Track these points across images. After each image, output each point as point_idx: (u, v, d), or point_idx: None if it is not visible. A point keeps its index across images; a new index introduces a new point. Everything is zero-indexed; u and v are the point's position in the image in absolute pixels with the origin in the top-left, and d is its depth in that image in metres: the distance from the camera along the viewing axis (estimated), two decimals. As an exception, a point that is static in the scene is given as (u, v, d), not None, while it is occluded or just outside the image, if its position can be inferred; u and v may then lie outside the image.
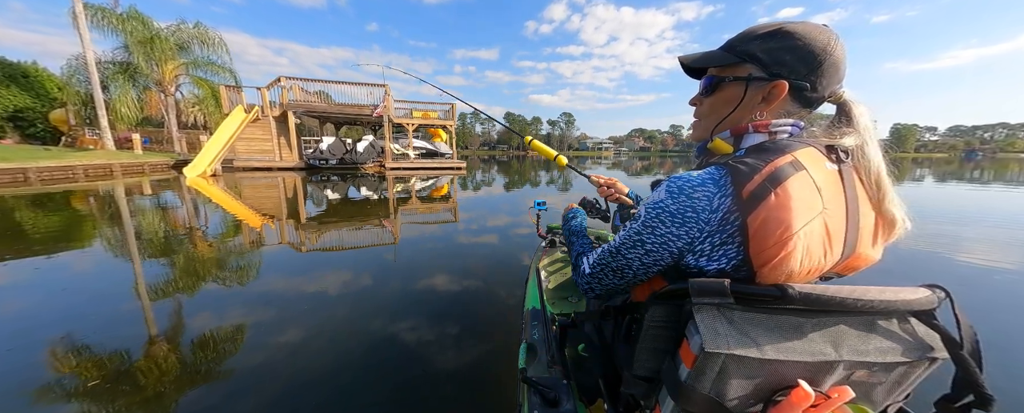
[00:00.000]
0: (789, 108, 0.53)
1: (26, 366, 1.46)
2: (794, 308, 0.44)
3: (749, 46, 0.52)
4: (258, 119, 11.19)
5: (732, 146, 0.56)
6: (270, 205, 5.51)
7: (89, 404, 1.27)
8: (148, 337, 1.70)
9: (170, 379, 1.40)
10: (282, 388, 1.34)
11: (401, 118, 13.80)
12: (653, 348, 0.51)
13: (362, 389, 1.35)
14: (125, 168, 9.30)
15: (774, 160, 0.46)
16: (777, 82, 0.50)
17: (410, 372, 1.45)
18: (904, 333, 0.47)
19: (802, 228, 0.43)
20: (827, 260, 0.46)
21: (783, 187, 0.44)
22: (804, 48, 0.48)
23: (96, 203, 5.29)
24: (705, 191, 0.48)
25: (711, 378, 0.43)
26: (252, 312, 1.95)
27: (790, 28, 0.49)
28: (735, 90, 0.54)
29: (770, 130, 0.53)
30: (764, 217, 0.44)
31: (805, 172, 0.45)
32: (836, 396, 0.43)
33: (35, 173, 7.15)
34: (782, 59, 0.50)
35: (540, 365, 0.89)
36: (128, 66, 13.24)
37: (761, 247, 0.44)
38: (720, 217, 0.47)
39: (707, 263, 0.49)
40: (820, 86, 0.50)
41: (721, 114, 0.57)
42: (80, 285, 2.30)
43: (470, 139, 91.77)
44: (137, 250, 3.09)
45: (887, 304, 0.45)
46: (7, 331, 1.73)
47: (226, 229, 3.96)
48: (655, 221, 0.51)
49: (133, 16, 12.55)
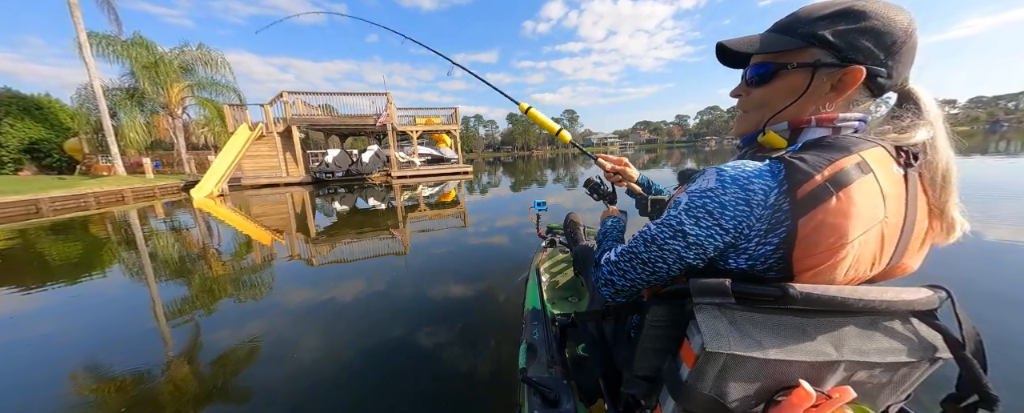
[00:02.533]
0: (858, 98, 0.47)
1: (50, 391, 1.47)
2: (796, 308, 0.43)
3: (815, 27, 0.45)
4: (263, 136, 11.17)
5: (788, 140, 0.49)
6: (278, 221, 5.41)
7: None
8: (167, 357, 1.71)
9: (190, 397, 1.41)
10: (301, 399, 1.36)
11: (405, 126, 13.68)
12: (654, 348, 0.50)
13: (379, 394, 1.34)
14: (136, 193, 9.34)
15: (838, 160, 0.41)
16: (852, 68, 0.44)
17: (421, 376, 1.44)
18: (906, 333, 0.46)
19: (858, 237, 0.40)
20: (872, 271, 0.44)
21: (846, 191, 0.40)
22: (883, 29, 0.42)
23: (106, 229, 5.26)
24: (762, 184, 0.43)
25: (712, 378, 0.43)
26: (266, 327, 1.96)
27: (864, 6, 0.43)
28: (798, 78, 0.47)
29: (835, 124, 0.47)
30: (820, 221, 0.40)
31: (872, 175, 0.41)
32: (837, 396, 0.42)
33: (47, 203, 7.19)
34: (857, 42, 0.43)
35: (540, 365, 0.88)
36: (134, 91, 13.42)
37: (809, 253, 0.41)
38: (771, 214, 0.43)
39: (747, 262, 0.46)
40: (896, 72, 0.44)
41: (778, 105, 0.49)
42: (96, 310, 2.35)
43: (474, 142, 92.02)
44: (151, 273, 3.08)
45: (888, 304, 0.44)
46: (30, 358, 1.76)
47: (236, 248, 3.91)
48: (701, 210, 0.45)
49: (137, 42, 12.72)
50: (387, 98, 12.33)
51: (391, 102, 12.40)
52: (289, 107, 11.41)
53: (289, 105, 11.41)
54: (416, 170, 13.44)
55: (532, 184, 9.84)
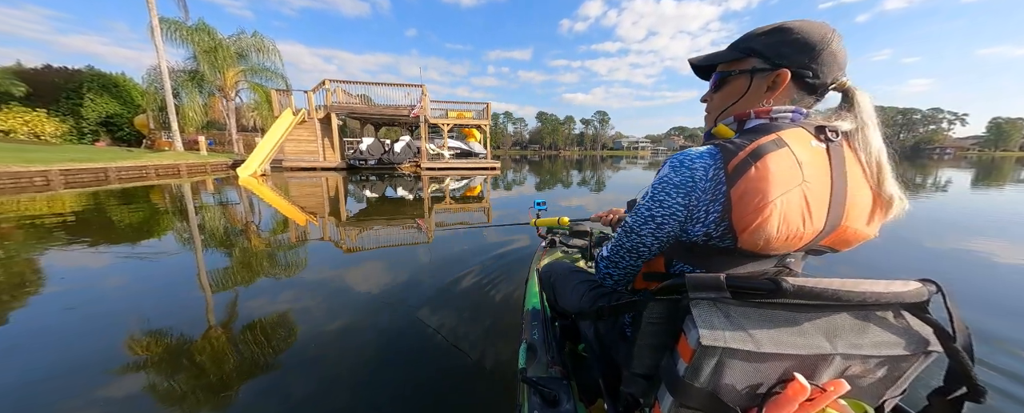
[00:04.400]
0: (794, 95, 0.56)
1: (109, 346, 1.59)
2: (789, 302, 0.45)
3: (751, 42, 0.57)
4: (305, 121, 11.73)
5: (735, 131, 0.58)
6: (313, 203, 5.65)
7: (159, 379, 1.38)
8: (208, 323, 1.83)
9: (227, 359, 1.51)
10: (326, 371, 1.43)
11: (437, 118, 13.88)
12: (651, 345, 0.52)
13: (392, 375, 1.37)
14: (190, 168, 10.12)
15: (758, 139, 0.50)
16: (780, 70, 0.54)
17: (426, 369, 1.46)
18: (898, 327, 0.47)
19: (779, 197, 0.47)
20: (806, 228, 0.49)
21: (763, 161, 0.47)
22: (802, 39, 0.53)
23: (164, 199, 5.70)
24: (702, 163, 0.52)
25: (708, 372, 0.44)
26: (294, 301, 2.07)
27: (786, 24, 0.55)
28: (741, 82, 0.59)
29: (771, 116, 0.56)
30: (744, 188, 0.48)
31: (787, 148, 0.49)
32: (832, 389, 0.43)
33: (114, 172, 7.94)
34: (782, 50, 0.54)
35: (540, 365, 0.88)
36: (195, 74, 14.53)
37: (741, 214, 0.48)
38: (712, 188, 0.51)
39: (700, 229, 0.53)
40: (821, 73, 0.54)
41: (727, 104, 0.61)
42: (152, 272, 2.56)
43: (502, 139, 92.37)
44: (199, 242, 3.33)
45: (878, 296, 0.45)
46: (93, 313, 1.91)
47: (273, 226, 4.14)
48: (662, 194, 0.55)
49: (201, 28, 13.74)
50: (422, 90, 12.55)
51: (425, 94, 12.61)
52: (330, 95, 11.90)
53: (330, 93, 11.90)
54: (444, 163, 13.63)
55: (557, 185, 9.68)
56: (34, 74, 16.04)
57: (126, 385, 1.34)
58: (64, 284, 2.27)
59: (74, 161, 7.60)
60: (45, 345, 1.59)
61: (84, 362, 1.46)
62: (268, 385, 1.34)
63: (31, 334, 1.69)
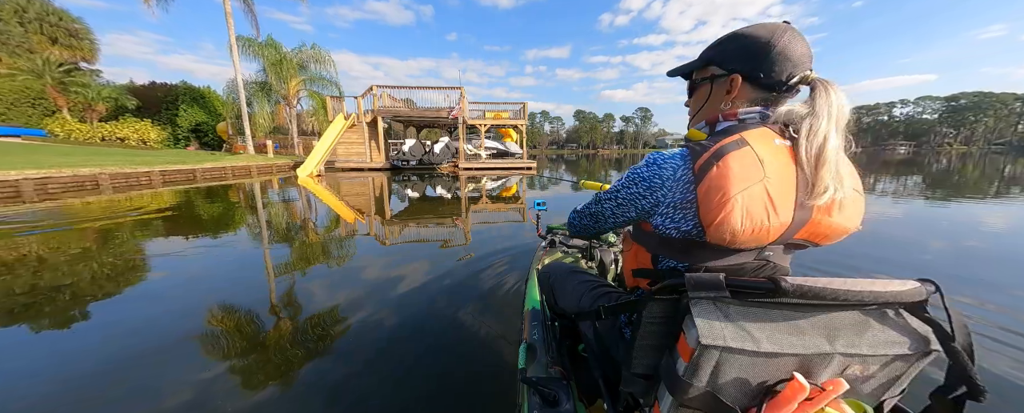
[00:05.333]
0: (753, 95, 0.59)
1: (193, 320, 1.85)
2: (788, 302, 0.46)
3: (710, 52, 0.62)
4: (354, 125, 12.62)
5: (707, 134, 0.61)
6: (361, 202, 6.07)
7: (231, 347, 1.62)
8: (272, 304, 2.07)
9: (286, 337, 1.72)
10: (372, 356, 1.55)
11: (474, 119, 14.19)
12: (651, 345, 0.52)
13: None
14: (259, 168, 11.36)
15: (722, 141, 0.53)
16: (732, 75, 0.59)
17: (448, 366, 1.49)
18: (897, 326, 0.47)
19: (739, 193, 0.49)
20: (772, 222, 0.50)
21: (723, 160, 0.50)
22: (749, 44, 0.56)
23: (238, 196, 6.48)
24: (672, 164, 0.56)
25: (708, 372, 0.45)
26: (343, 290, 2.26)
27: (738, 31, 0.59)
28: (704, 88, 0.64)
29: (739, 117, 0.58)
30: (708, 186, 0.51)
31: (748, 147, 0.51)
32: (831, 389, 0.43)
33: (200, 172, 9.15)
34: (732, 56, 0.59)
35: (540, 365, 0.88)
36: (264, 85, 16.27)
37: (707, 210, 0.51)
38: (681, 186, 0.54)
39: (672, 224, 0.57)
40: (773, 72, 0.56)
41: (697, 108, 0.66)
42: (229, 259, 2.95)
43: (539, 138, 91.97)
44: (265, 235, 3.75)
45: (876, 296, 0.45)
46: (182, 291, 2.24)
47: (327, 222, 4.52)
48: (629, 181, 0.61)
49: (269, 43, 15.36)
50: (461, 92, 12.91)
51: (464, 96, 12.96)
52: (377, 100, 12.68)
53: (377, 98, 12.68)
54: (481, 163, 13.90)
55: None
56: (142, 89, 19.02)
57: (204, 347, 1.56)
58: (162, 265, 2.68)
59: (170, 163, 8.89)
60: (148, 312, 1.88)
61: (173, 328, 1.71)
62: (293, 353, 1.49)
63: (141, 298, 2.02)
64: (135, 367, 1.45)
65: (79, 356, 1.53)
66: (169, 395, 1.28)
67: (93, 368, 1.45)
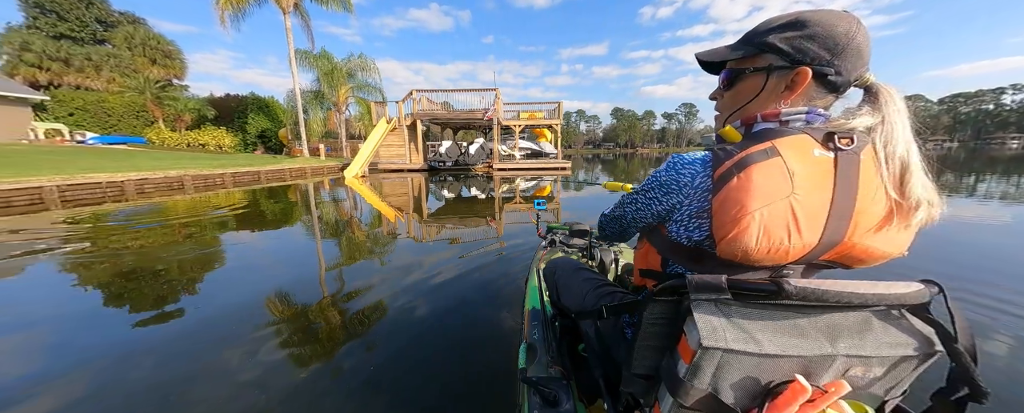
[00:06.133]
0: (813, 94, 0.52)
1: (255, 307, 2.05)
2: (791, 303, 0.45)
3: (768, 37, 0.52)
4: (395, 129, 13.31)
5: (743, 135, 0.55)
6: (401, 201, 6.42)
7: (289, 335, 1.76)
8: (322, 294, 2.27)
9: (335, 323, 1.89)
10: (404, 342, 1.68)
11: (509, 120, 14.32)
12: (652, 345, 0.52)
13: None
14: (313, 170, 12.41)
15: (750, 147, 0.48)
16: (800, 69, 0.50)
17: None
18: (900, 328, 0.47)
19: (759, 209, 0.45)
20: (793, 242, 0.46)
21: (746, 172, 0.46)
22: (825, 34, 0.49)
23: (295, 195, 7.16)
24: (692, 169, 0.53)
25: (709, 373, 0.44)
26: (382, 282, 2.42)
27: (808, 16, 0.50)
28: (755, 81, 0.55)
29: (781, 119, 0.52)
30: (725, 197, 0.47)
31: (779, 158, 0.46)
32: (833, 390, 0.43)
33: (264, 174, 10.20)
34: (803, 46, 0.50)
35: (540, 365, 0.88)
36: (318, 93, 17.73)
37: (721, 222, 0.48)
38: (699, 195, 0.51)
39: (685, 232, 0.55)
40: (844, 70, 0.50)
41: (739, 104, 0.58)
42: (286, 252, 3.30)
43: (574, 138, 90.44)
44: (318, 230, 4.11)
45: (880, 298, 0.45)
46: (247, 281, 2.51)
47: (371, 220, 4.86)
48: (649, 185, 0.59)
49: (323, 55, 16.72)
50: (495, 94, 13.08)
51: (499, 98, 13.12)
52: (416, 104, 13.27)
53: (416, 102, 13.27)
54: (515, 163, 13.98)
55: (632, 185, 9.06)
56: (219, 101, 21.61)
57: (266, 329, 1.74)
58: (236, 253, 3.05)
59: (239, 166, 10.01)
60: (222, 298, 2.15)
61: (239, 314, 1.93)
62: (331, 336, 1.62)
63: (215, 283, 2.32)
64: (208, 339, 1.67)
65: (181, 324, 1.82)
66: (240, 349, 1.47)
67: (194, 329, 1.74)
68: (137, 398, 1.30)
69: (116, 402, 1.28)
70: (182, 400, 1.29)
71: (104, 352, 1.59)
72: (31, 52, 18.95)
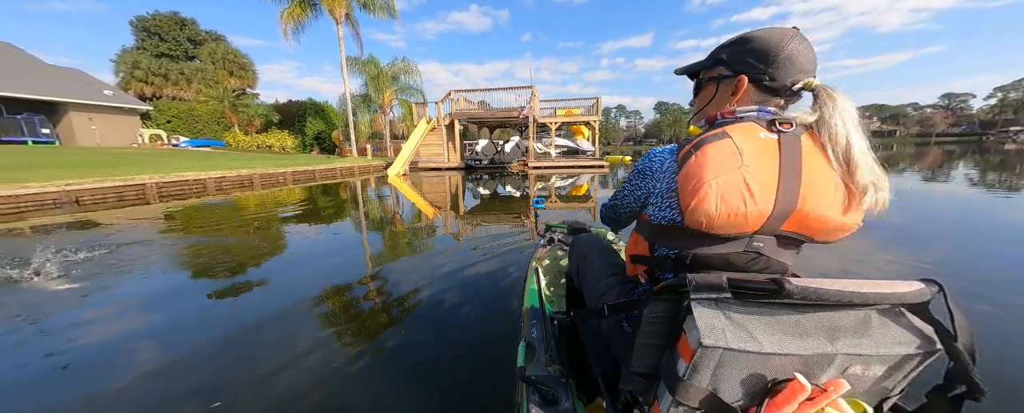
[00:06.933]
0: (756, 98, 0.62)
1: (312, 295, 2.21)
2: (791, 302, 0.45)
3: (719, 52, 0.65)
4: (434, 129, 13.80)
5: (705, 130, 0.62)
6: (439, 198, 6.71)
7: (342, 323, 1.90)
8: (368, 287, 2.41)
9: (379, 310, 2.05)
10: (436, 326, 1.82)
11: (545, 117, 14.19)
12: (651, 344, 0.52)
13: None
14: (360, 169, 13.31)
15: (705, 134, 0.57)
16: (739, 77, 0.62)
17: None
18: (899, 326, 0.47)
19: (714, 179, 0.52)
20: (750, 208, 0.53)
21: (701, 150, 0.55)
22: (760, 48, 0.59)
23: (345, 193, 7.76)
24: (661, 157, 0.63)
25: (709, 372, 0.45)
26: (420, 275, 2.55)
27: (750, 34, 0.61)
28: (710, 87, 0.68)
29: (736, 116, 0.61)
30: (685, 173, 0.56)
31: (729, 139, 0.55)
32: (832, 389, 0.44)
33: (318, 173, 11.15)
34: (742, 59, 0.61)
35: (539, 364, 0.88)
36: (366, 97, 18.95)
37: (684, 194, 0.55)
38: (668, 175, 0.60)
39: (660, 213, 0.63)
40: (778, 76, 0.59)
41: (701, 107, 0.70)
42: (339, 244, 3.54)
43: (614, 134, 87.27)
44: (364, 225, 4.45)
45: (881, 297, 0.45)
46: (305, 270, 2.73)
47: (411, 216, 5.14)
48: (633, 174, 0.69)
49: (370, 61, 17.83)
50: (532, 91, 13.03)
51: (535, 95, 13.05)
52: (454, 104, 13.64)
53: (454, 102, 13.64)
54: (551, 161, 13.83)
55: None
56: (283, 107, 23.96)
57: (322, 315, 1.93)
58: (295, 244, 3.39)
59: (298, 165, 11.03)
60: (282, 287, 2.39)
61: (299, 298, 2.13)
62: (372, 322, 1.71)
63: (278, 269, 2.59)
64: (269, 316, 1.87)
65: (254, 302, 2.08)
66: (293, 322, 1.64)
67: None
68: (216, 349, 1.61)
69: (201, 348, 1.62)
70: (252, 356, 1.53)
71: (191, 317, 1.92)
72: (140, 69, 22.40)
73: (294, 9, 14.82)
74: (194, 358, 1.54)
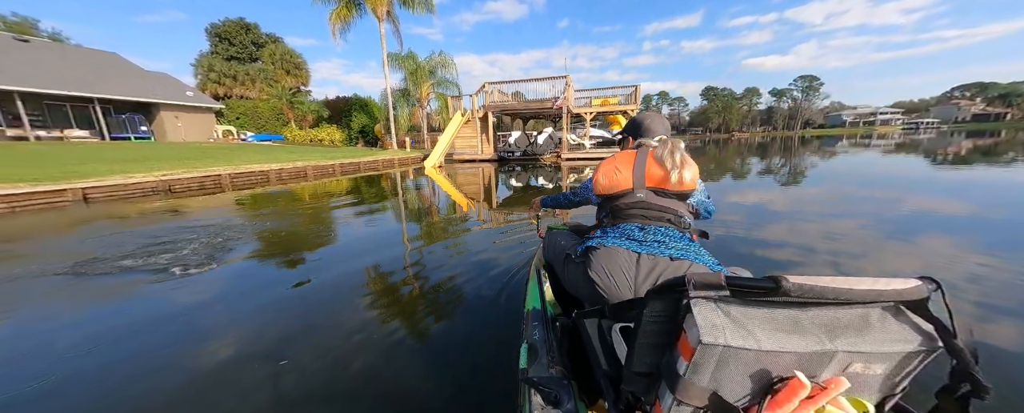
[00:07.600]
0: (644, 142, 1.20)
1: (357, 278, 2.48)
2: (789, 300, 0.46)
3: (626, 129, 1.30)
4: (469, 121, 14.06)
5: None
6: (473, 190, 6.96)
7: (384, 302, 2.12)
8: (406, 273, 2.62)
9: (416, 297, 2.22)
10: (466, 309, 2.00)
11: (579, 107, 13.87)
12: (652, 344, 0.53)
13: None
14: (399, 161, 14.01)
15: (614, 155, 1.15)
16: (628, 138, 1.28)
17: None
18: (899, 324, 0.47)
19: (602, 170, 1.11)
20: (620, 177, 1.07)
21: (604, 161, 1.14)
22: (634, 126, 1.26)
23: (386, 182, 8.28)
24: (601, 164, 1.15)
25: (709, 370, 0.45)
26: (453, 261, 2.76)
27: (636, 117, 1.27)
28: (624, 143, 1.31)
29: (631, 148, 1.21)
30: (597, 169, 1.13)
31: (616, 153, 1.15)
32: (832, 386, 0.44)
33: (362, 164, 11.95)
34: (630, 131, 1.27)
35: (541, 365, 0.89)
36: (405, 91, 19.70)
37: (596, 180, 1.12)
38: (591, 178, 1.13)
39: (593, 197, 1.19)
40: (644, 136, 1.21)
41: (622, 148, 1.29)
42: (380, 229, 3.95)
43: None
44: (403, 213, 4.81)
45: (878, 294, 0.45)
46: (349, 253, 3.04)
47: (446, 207, 5.42)
48: (588, 180, 1.23)
49: (409, 55, 18.43)
50: (566, 81, 12.76)
51: (569, 85, 12.78)
52: (488, 96, 13.76)
53: (488, 95, 13.76)
54: (584, 152, 13.55)
55: (725, 176, 8.01)
56: (331, 102, 25.76)
57: (370, 297, 2.17)
58: (345, 232, 3.77)
59: (345, 158, 11.90)
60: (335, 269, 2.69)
61: (350, 284, 2.41)
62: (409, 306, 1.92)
63: (329, 256, 2.93)
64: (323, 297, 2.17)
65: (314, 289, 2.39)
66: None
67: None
68: (283, 321, 1.91)
69: (269, 320, 1.94)
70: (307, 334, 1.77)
71: (267, 298, 2.25)
72: (214, 72, 25.13)
73: (341, 10, 15.69)
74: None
